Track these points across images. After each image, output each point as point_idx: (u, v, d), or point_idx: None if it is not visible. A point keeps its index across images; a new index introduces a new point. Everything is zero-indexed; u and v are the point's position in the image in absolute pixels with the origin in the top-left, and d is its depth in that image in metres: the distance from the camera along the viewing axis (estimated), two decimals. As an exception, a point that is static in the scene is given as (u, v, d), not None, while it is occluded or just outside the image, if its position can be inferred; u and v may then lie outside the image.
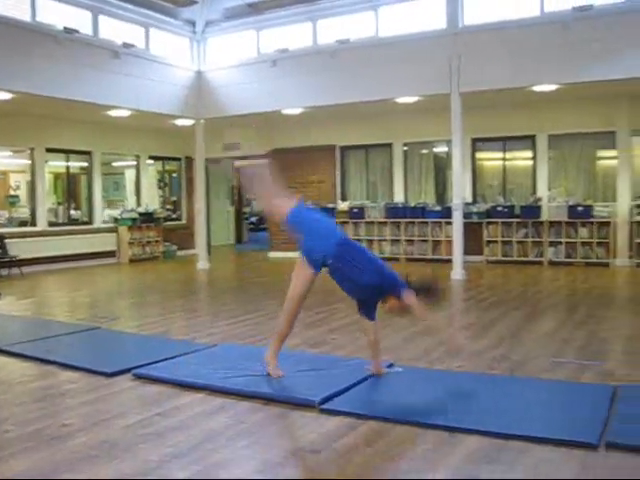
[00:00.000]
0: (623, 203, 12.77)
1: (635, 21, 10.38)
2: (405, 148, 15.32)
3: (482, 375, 5.05)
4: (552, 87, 11.58)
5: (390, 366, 5.20)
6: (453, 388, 4.67)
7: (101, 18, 12.47)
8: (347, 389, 4.55)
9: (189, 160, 17.19)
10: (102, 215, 15.56)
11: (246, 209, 23.86)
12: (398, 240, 14.71)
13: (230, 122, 15.11)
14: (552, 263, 13.06)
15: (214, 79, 14.29)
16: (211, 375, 4.96)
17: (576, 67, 10.79)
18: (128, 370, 5.21)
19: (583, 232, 12.89)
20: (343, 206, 15.45)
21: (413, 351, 5.93)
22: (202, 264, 14.14)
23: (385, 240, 14.87)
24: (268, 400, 4.43)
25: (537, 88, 11.70)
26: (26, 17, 11.11)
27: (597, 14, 10.75)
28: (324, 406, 4.21)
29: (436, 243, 14.24)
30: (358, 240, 14.95)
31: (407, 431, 3.84)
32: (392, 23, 12.72)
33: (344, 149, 16.06)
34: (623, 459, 3.39)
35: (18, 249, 13.02)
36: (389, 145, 15.42)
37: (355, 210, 15.17)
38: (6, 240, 12.99)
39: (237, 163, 16.44)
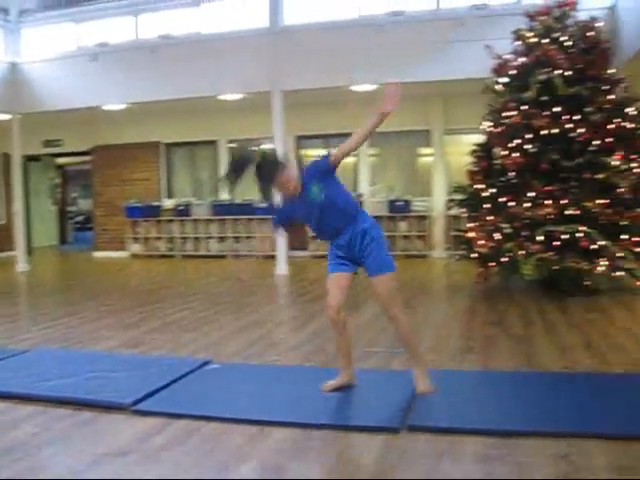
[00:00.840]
0: (439, 198, 13.46)
1: (443, 27, 10.98)
2: (231, 145, 15.32)
3: (296, 368, 5.16)
4: (370, 87, 11.99)
5: (207, 363, 5.20)
6: (268, 382, 4.74)
7: None
8: (161, 389, 4.50)
9: (6, 157, 16.29)
10: None
11: (72, 208, 22.97)
12: (224, 237, 14.69)
13: (50, 117, 14.44)
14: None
15: (31, 72, 13.58)
16: (18, 382, 4.74)
17: (391, 68, 11.21)
18: None
19: (403, 226, 13.48)
20: (169, 204, 15.23)
21: (233, 347, 5.95)
22: (21, 266, 13.44)
23: (212, 238, 14.82)
24: (79, 405, 4.29)
25: (356, 87, 12.09)
26: None
27: (409, 19, 11.29)
28: (136, 407, 4.15)
29: (262, 239, 14.34)
30: (184, 238, 14.87)
31: (218, 427, 3.85)
32: (215, 19, 12.70)
33: (169, 146, 15.84)
34: (421, 441, 3.58)
35: None
36: (214, 142, 15.36)
37: (181, 208, 15.00)
38: None
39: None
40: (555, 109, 8.17)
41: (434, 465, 3.31)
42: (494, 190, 8.41)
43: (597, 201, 7.82)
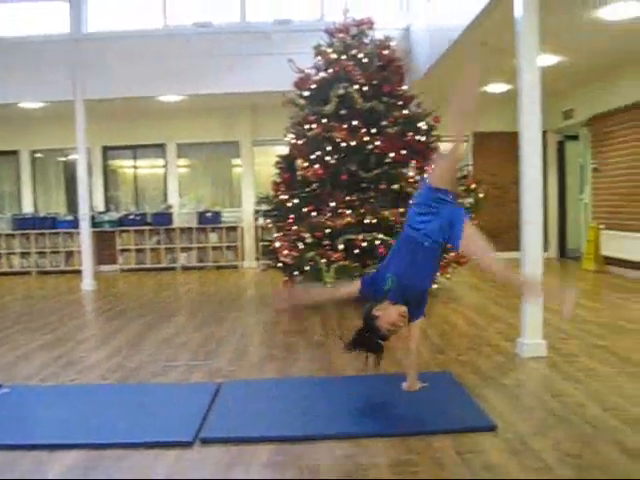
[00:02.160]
0: (248, 208, 13.58)
1: (249, 40, 11.15)
2: (36, 155, 14.62)
3: (93, 386, 5.00)
4: (177, 98, 11.93)
5: (-4, 388, 4.92)
6: (62, 404, 4.55)
7: None
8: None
9: None
10: None
11: None
12: (28, 253, 13.97)
13: None
14: (185, 268, 13.44)
15: None
16: None
17: (198, 80, 11.24)
18: None
19: (213, 237, 13.48)
20: (-36, 218, 14.28)
21: (29, 368, 5.66)
22: None
23: (14, 253, 14.01)
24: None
25: (164, 98, 11.97)
26: None
27: (215, 31, 11.35)
28: None
29: (69, 254, 13.79)
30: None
31: (5, 456, 3.65)
32: (12, 23, 12.08)
33: (-34, 157, 14.86)
34: (213, 452, 3.59)
35: None
36: (16, 152, 14.57)
37: (-21, 222, 14.11)
38: None
39: None
40: (353, 122, 8.51)
41: (224, 475, 3.33)
42: (297, 200, 8.60)
43: (393, 210, 8.21)
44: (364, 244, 8.04)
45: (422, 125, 8.82)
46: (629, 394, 4.41)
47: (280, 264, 8.70)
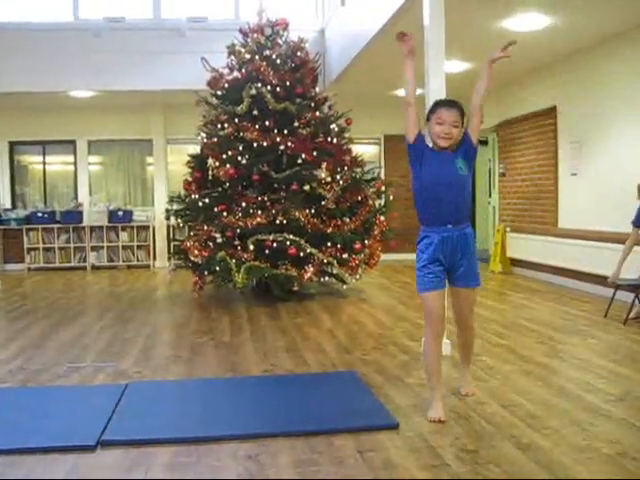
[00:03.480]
0: (160, 207, 13.37)
1: (162, 37, 11.03)
2: None
3: (-8, 389, 4.87)
4: (88, 93, 11.69)
5: None
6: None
7: None
8: None
9: None
10: None
11: None
12: None
13: None
14: (95, 268, 13.19)
15: None
16: None
17: (108, 76, 11.05)
18: None
19: (124, 236, 13.26)
20: None
21: None
22: None
23: None
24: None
25: (75, 93, 11.71)
26: None
27: (128, 27, 11.17)
28: None
29: (-28, 252, 13.35)
30: None
31: None
32: None
33: None
34: (113, 455, 3.54)
35: None
36: None
37: None
38: None
39: None
40: (266, 123, 8.54)
41: (125, 477, 3.30)
42: (208, 200, 8.57)
43: (304, 211, 8.28)
44: (275, 244, 8.08)
45: (334, 127, 8.92)
46: (525, 390, 4.57)
47: (190, 264, 8.66)
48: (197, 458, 3.50)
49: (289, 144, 8.43)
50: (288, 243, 8.07)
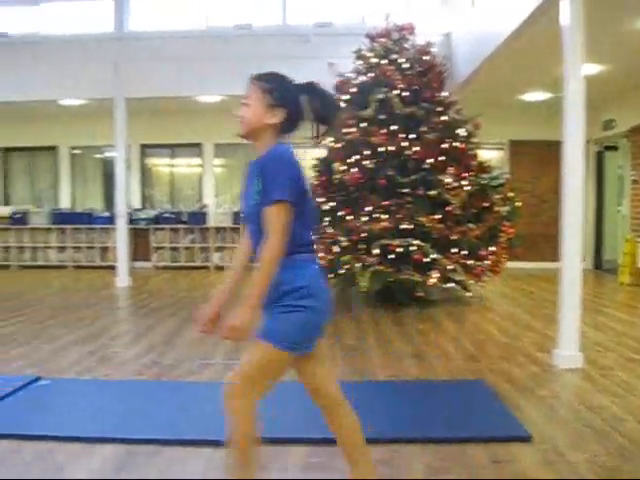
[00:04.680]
0: (282, 210, 13.58)
1: (289, 43, 11.19)
2: (75, 152, 14.83)
3: (129, 382, 5.05)
4: (217, 98, 12.01)
5: (36, 380, 4.98)
6: (98, 398, 4.61)
7: None
8: (-18, 408, 4.28)
9: None
10: None
11: None
12: (64, 247, 14.15)
13: None
14: (218, 268, 13.50)
15: None
16: None
17: (236, 80, 11.21)
18: None
19: (246, 238, 13.50)
20: (4, 211, 14.46)
21: (65, 362, 5.73)
22: None
23: (50, 247, 14.21)
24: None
25: (202, 98, 12.06)
26: None
27: (255, 33, 11.42)
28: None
29: (104, 250, 13.93)
30: (21, 248, 14.16)
31: (42, 447, 3.69)
32: (56, 21, 12.27)
33: (7, 151, 15.07)
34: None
35: None
36: (55, 148, 14.79)
37: (18, 216, 14.27)
38: None
39: None
40: (392, 127, 8.50)
41: (259, 476, 3.33)
42: (333, 204, 8.61)
43: (430, 216, 8.19)
44: (399, 249, 8.03)
45: (461, 131, 8.79)
46: (667, 409, 4.35)
47: (314, 267, 8.70)
48: (327, 460, 3.51)
49: (415, 149, 8.37)
50: (413, 248, 8.00)
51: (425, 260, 8.09)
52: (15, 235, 14.26)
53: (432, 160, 8.39)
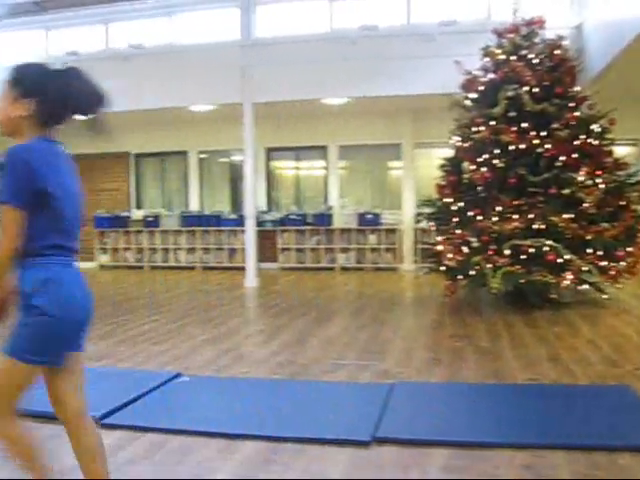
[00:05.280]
0: (408, 211, 13.55)
1: (413, 43, 11.11)
2: (202, 156, 15.33)
3: (265, 380, 5.16)
4: (341, 100, 12.10)
5: (177, 376, 5.18)
6: (236, 395, 4.74)
7: None
8: (130, 402, 4.47)
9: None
10: None
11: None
12: (194, 249, 14.64)
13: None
14: (344, 269, 13.59)
15: (-2, 79, 13.43)
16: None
17: (362, 82, 11.35)
18: None
19: (372, 239, 13.55)
20: (138, 214, 15.14)
21: (201, 360, 5.93)
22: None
23: (181, 249, 14.75)
24: (45, 419, 4.24)
25: (327, 101, 12.18)
26: None
27: (381, 34, 11.40)
28: (105, 421, 4.11)
29: (232, 251, 14.34)
30: (153, 249, 14.75)
31: (186, 441, 3.83)
32: (187, 31, 12.72)
33: (139, 156, 15.75)
34: (390, 452, 3.61)
35: None
36: (184, 153, 15.32)
37: (150, 219, 14.91)
38: None
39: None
40: (523, 125, 8.30)
41: (401, 477, 3.33)
42: (462, 204, 8.50)
43: (563, 216, 7.95)
44: (532, 250, 7.83)
45: (595, 127, 8.47)
46: None
47: (443, 268, 8.62)
48: (470, 463, 3.46)
49: (547, 146, 8.14)
50: (546, 249, 7.78)
51: (558, 261, 7.85)
52: (148, 237, 14.91)
53: (564, 158, 8.13)
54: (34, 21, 13.51)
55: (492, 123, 8.42)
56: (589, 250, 8.04)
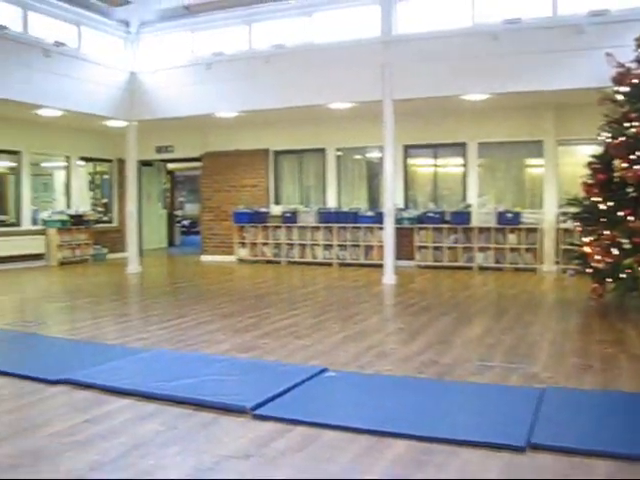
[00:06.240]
0: (549, 210, 13.12)
1: (559, 35, 10.71)
2: (338, 153, 15.45)
3: (411, 379, 5.12)
4: (482, 96, 11.86)
5: (323, 371, 5.23)
6: (383, 392, 4.73)
7: (31, 15, 12.18)
8: (280, 394, 4.55)
9: (121, 162, 16.88)
10: (30, 217, 15.16)
11: (178, 212, 23.67)
12: (331, 245, 14.78)
13: (163, 124, 14.90)
14: (482, 268, 13.33)
15: (147, 81, 14.07)
16: (142, 381, 4.91)
17: (504, 78, 11.06)
18: (59, 376, 5.08)
19: (512, 238, 13.21)
20: (276, 210, 15.44)
21: (344, 355, 5.97)
22: (133, 268, 13.91)
23: (318, 245, 14.93)
24: (200, 406, 4.40)
25: (467, 97, 11.97)
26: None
27: (525, 27, 11.06)
28: (257, 412, 4.21)
29: (368, 248, 14.37)
30: (291, 244, 15.01)
31: (337, 436, 3.86)
32: (327, 29, 12.82)
33: (278, 153, 16.06)
34: (547, 460, 3.49)
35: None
36: (322, 150, 15.49)
37: (288, 214, 15.18)
38: None
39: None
40: (681, 120, 7.86)
41: None
42: (612, 203, 8.13)
43: None
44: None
45: None
46: None
47: (590, 270, 8.28)
48: (635, 477, 3.30)
49: None
50: None
51: None
52: (285, 233, 15.18)
53: None
54: (181, 25, 14.01)
55: (647, 118, 8.02)
56: None
